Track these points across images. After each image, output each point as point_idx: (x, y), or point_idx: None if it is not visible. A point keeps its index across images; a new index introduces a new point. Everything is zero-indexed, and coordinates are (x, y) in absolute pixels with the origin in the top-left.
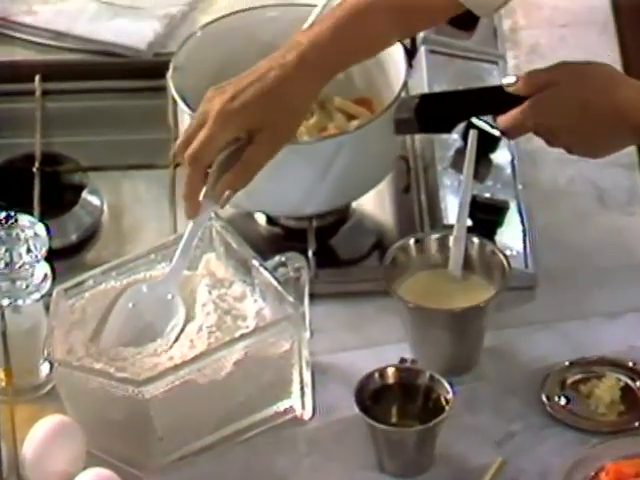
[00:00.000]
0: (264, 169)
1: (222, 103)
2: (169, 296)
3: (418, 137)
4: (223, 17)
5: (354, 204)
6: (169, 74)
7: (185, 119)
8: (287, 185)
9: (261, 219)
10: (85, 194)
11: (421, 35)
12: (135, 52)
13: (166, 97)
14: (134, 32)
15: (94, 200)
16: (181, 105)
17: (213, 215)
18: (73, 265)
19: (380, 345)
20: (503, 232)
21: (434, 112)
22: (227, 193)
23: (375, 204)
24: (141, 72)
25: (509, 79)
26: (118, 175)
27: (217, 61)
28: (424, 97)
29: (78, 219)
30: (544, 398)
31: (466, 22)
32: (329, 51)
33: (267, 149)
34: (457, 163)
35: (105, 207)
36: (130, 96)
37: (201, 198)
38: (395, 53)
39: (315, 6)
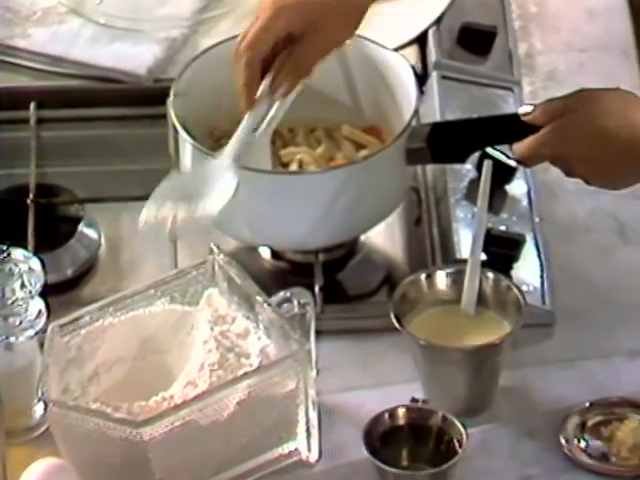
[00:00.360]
0: (268, 201)
1: None
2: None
3: (430, 167)
4: (225, 41)
5: (363, 237)
6: (170, 101)
7: (187, 148)
8: (293, 218)
9: (265, 253)
10: (82, 227)
11: (433, 60)
12: (134, 78)
13: (167, 125)
14: (133, 57)
15: (91, 233)
16: (182, 134)
17: (216, 250)
18: (69, 301)
19: (390, 384)
20: (519, 267)
21: (446, 141)
22: (284, 87)
23: (385, 237)
24: (140, 99)
25: (525, 108)
26: (116, 207)
27: (220, 87)
28: (436, 125)
29: (74, 253)
30: (563, 441)
31: (480, 46)
32: None
33: (318, 48)
34: (471, 195)
35: (102, 240)
36: (129, 124)
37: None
38: (405, 79)
39: None
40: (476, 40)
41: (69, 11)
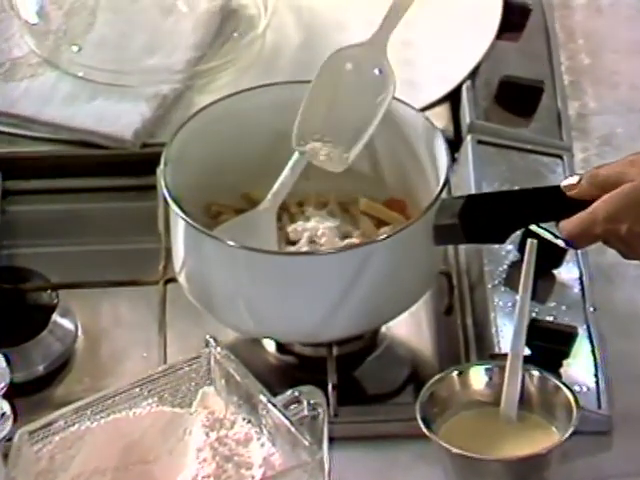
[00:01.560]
0: (274, 285)
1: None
2: (376, 71)
3: (463, 248)
4: (225, 98)
5: (384, 328)
6: (160, 170)
7: (179, 224)
8: (302, 305)
9: (270, 346)
10: (55, 317)
11: (467, 121)
12: (118, 142)
13: (156, 198)
14: (117, 117)
15: (66, 324)
16: (174, 208)
17: (212, 342)
18: (39, 402)
19: None
20: (570, 364)
21: (482, 217)
22: None
23: (410, 328)
24: (125, 167)
25: (570, 179)
26: (96, 293)
27: (219, 154)
28: (470, 199)
29: (46, 347)
30: None
31: (523, 105)
32: None
33: None
34: (512, 280)
35: (80, 332)
36: (112, 197)
37: None
38: (434, 144)
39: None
40: (518, 97)
41: (42, 62)
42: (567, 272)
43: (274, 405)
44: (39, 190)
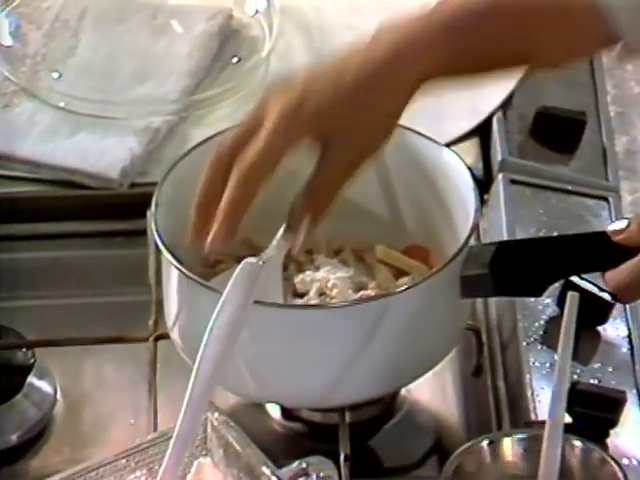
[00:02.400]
0: (279, 343)
1: (286, 104)
2: None
3: (494, 301)
4: (222, 133)
5: (403, 391)
6: (150, 213)
7: (172, 273)
8: (311, 366)
9: (275, 411)
10: (31, 378)
11: (498, 158)
12: (104, 182)
13: (146, 245)
14: (103, 153)
15: (44, 386)
16: (166, 255)
17: (209, 406)
18: (12, 476)
19: None
20: (618, 434)
21: (516, 267)
22: (304, 228)
23: (433, 392)
24: (112, 210)
25: (617, 224)
26: (78, 352)
27: None
28: (502, 246)
29: (21, 413)
30: None
31: (563, 139)
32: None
33: (345, 164)
34: (550, 337)
35: (59, 396)
36: (96, 243)
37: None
38: (461, 184)
39: None
40: (557, 131)
41: (18, 90)
42: (614, 329)
43: (279, 478)
44: (14, 236)
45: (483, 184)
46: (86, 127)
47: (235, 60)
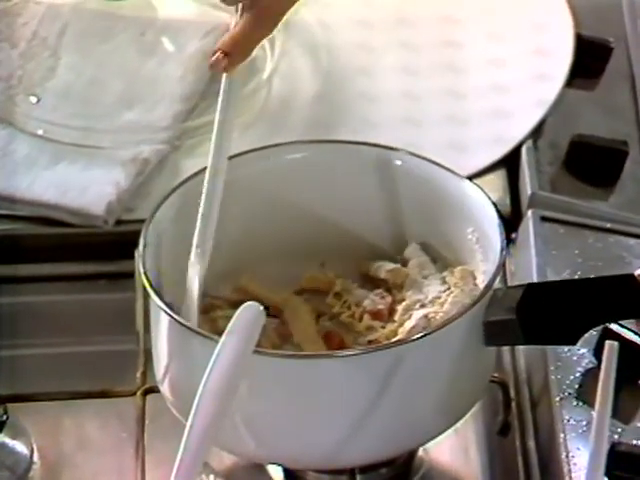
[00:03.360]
0: (280, 397)
1: None
2: None
3: (523, 351)
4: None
5: (421, 451)
6: (138, 253)
7: (161, 320)
8: (318, 422)
9: (277, 473)
10: (4, 438)
11: (528, 192)
12: (87, 219)
13: (133, 288)
14: (86, 187)
15: (18, 447)
16: (155, 300)
17: (204, 468)
18: None
19: None
20: None
21: (546, 312)
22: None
23: (454, 452)
24: (96, 250)
25: None
26: (57, 408)
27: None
28: (531, 289)
29: None
30: None
31: (602, 172)
32: None
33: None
34: (586, 392)
35: (35, 458)
36: (78, 287)
37: None
38: (485, 221)
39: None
40: (595, 162)
41: None
42: None
43: None
44: None
45: (510, 221)
46: (67, 157)
47: None
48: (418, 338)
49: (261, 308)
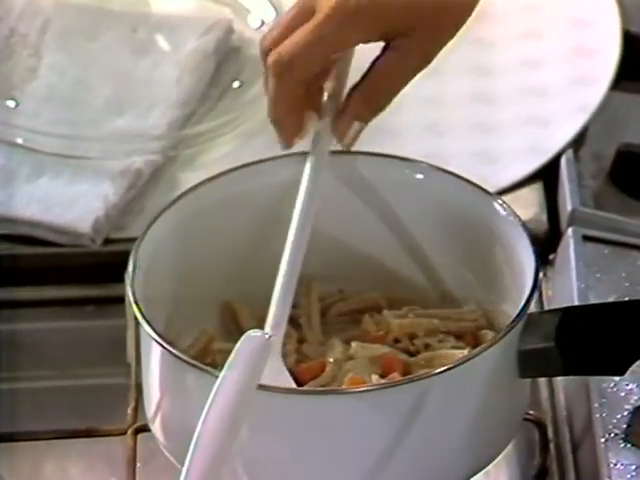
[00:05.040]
0: (287, 436)
1: None
2: None
3: (562, 384)
4: (217, 177)
5: None
6: (128, 276)
7: (153, 350)
8: (327, 467)
9: None
10: None
11: (568, 208)
12: (73, 237)
13: (123, 314)
14: (71, 202)
15: None
16: (146, 328)
17: None
18: None
19: None
20: None
21: (589, 339)
22: (355, 127)
23: None
24: (82, 272)
25: None
26: (39, 448)
27: (207, 254)
28: (569, 313)
29: None
30: None
31: None
32: None
33: (417, 56)
34: (635, 433)
35: None
36: (63, 313)
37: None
38: (517, 242)
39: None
40: None
41: None
42: None
43: None
44: None
45: (548, 241)
46: (50, 169)
47: (236, 85)
48: (444, 371)
49: (267, 337)
